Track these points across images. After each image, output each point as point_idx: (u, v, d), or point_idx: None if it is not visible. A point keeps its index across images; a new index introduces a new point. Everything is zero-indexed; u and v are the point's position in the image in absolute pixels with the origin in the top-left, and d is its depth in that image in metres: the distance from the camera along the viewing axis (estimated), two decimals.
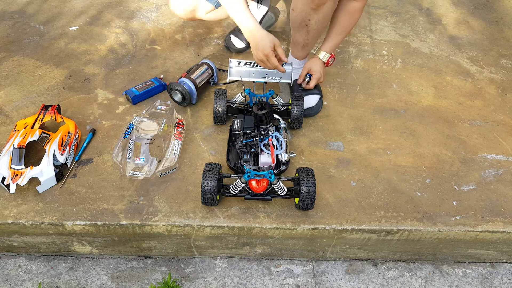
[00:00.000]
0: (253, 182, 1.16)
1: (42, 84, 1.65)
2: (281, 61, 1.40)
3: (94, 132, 1.44)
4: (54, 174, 1.25)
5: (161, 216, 1.21)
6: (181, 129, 1.42)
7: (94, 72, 1.72)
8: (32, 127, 1.34)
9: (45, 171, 1.24)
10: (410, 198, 1.30)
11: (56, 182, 1.27)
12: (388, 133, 1.52)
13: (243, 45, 1.84)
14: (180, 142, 1.38)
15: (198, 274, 1.30)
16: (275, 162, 1.29)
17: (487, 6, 2.32)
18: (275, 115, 1.41)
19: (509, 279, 1.34)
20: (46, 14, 2.06)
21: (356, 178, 1.35)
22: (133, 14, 2.08)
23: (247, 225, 1.20)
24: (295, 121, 1.45)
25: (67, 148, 1.32)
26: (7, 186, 1.22)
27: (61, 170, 1.28)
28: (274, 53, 1.36)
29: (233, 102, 1.49)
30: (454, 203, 1.29)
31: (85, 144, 1.39)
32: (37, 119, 1.37)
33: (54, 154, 1.27)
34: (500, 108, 1.66)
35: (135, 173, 1.28)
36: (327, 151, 1.43)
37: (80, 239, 1.25)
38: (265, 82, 1.49)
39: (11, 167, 1.22)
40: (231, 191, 1.20)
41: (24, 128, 1.33)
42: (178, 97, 1.52)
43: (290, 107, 1.46)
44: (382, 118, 1.58)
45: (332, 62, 1.52)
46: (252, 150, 1.29)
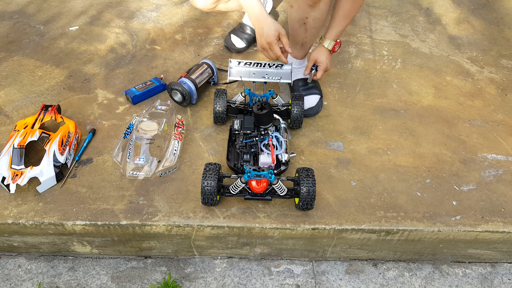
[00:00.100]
0: (253, 182, 1.16)
1: (42, 84, 1.65)
2: (285, 52, 1.37)
3: (94, 132, 1.44)
4: (54, 174, 1.25)
5: (161, 216, 1.21)
6: (181, 129, 1.42)
7: (94, 72, 1.72)
8: (32, 127, 1.33)
9: (45, 171, 1.24)
10: (410, 198, 1.30)
11: (56, 182, 1.27)
12: (388, 133, 1.52)
13: (243, 45, 1.84)
14: (180, 142, 1.38)
15: (198, 274, 1.30)
16: (275, 162, 1.29)
17: (487, 6, 2.32)
18: (275, 115, 1.41)
19: (509, 279, 1.34)
20: (46, 14, 2.06)
21: (356, 178, 1.35)
22: (133, 14, 2.08)
23: (247, 225, 1.20)
24: (295, 121, 1.45)
25: (67, 148, 1.32)
26: (7, 186, 1.22)
27: (61, 170, 1.28)
28: (279, 43, 1.33)
29: (233, 102, 1.49)
30: (454, 203, 1.29)
31: (85, 144, 1.39)
32: (37, 119, 1.37)
33: (54, 154, 1.27)
34: (500, 108, 1.66)
35: (135, 173, 1.28)
36: (327, 151, 1.43)
37: (80, 239, 1.25)
38: (265, 82, 1.49)
39: (11, 167, 1.23)
40: (231, 191, 1.20)
41: (24, 128, 1.33)
42: (178, 97, 1.52)
43: (290, 107, 1.46)
44: (382, 118, 1.58)
45: (338, 48, 1.49)
46: (252, 150, 1.29)
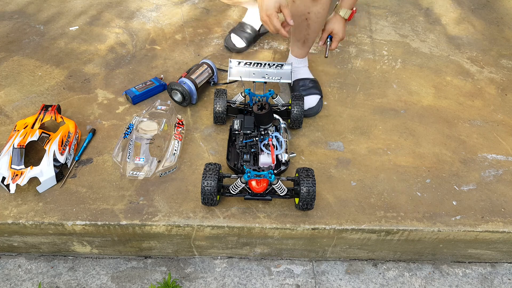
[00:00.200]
0: (253, 182, 1.16)
1: (42, 84, 1.65)
2: (287, 26, 1.33)
3: (94, 132, 1.44)
4: (54, 174, 1.25)
5: (161, 216, 1.21)
6: (181, 129, 1.42)
7: (94, 72, 1.72)
8: (32, 127, 1.33)
9: (45, 171, 1.24)
10: (410, 198, 1.30)
11: (56, 182, 1.27)
12: (388, 133, 1.52)
13: (244, 44, 1.84)
14: (180, 142, 1.38)
15: (198, 274, 1.30)
16: (275, 162, 1.29)
17: (487, 6, 2.32)
18: (275, 115, 1.41)
19: (509, 279, 1.34)
20: (46, 14, 2.06)
21: (356, 178, 1.35)
22: (133, 14, 2.08)
23: (247, 225, 1.20)
24: (295, 121, 1.45)
25: (67, 148, 1.32)
26: (7, 186, 1.22)
27: (61, 170, 1.28)
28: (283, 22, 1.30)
29: (233, 102, 1.49)
30: (454, 203, 1.29)
31: (85, 144, 1.39)
32: (37, 119, 1.37)
33: (54, 154, 1.27)
34: (500, 108, 1.66)
35: (135, 173, 1.28)
36: (327, 151, 1.43)
37: (80, 239, 1.25)
38: (265, 82, 1.49)
39: (11, 167, 1.22)
40: (231, 191, 1.20)
41: (24, 128, 1.33)
42: (178, 97, 1.52)
43: (290, 107, 1.46)
44: (382, 118, 1.58)
45: (352, 17, 1.45)
46: (252, 150, 1.29)
